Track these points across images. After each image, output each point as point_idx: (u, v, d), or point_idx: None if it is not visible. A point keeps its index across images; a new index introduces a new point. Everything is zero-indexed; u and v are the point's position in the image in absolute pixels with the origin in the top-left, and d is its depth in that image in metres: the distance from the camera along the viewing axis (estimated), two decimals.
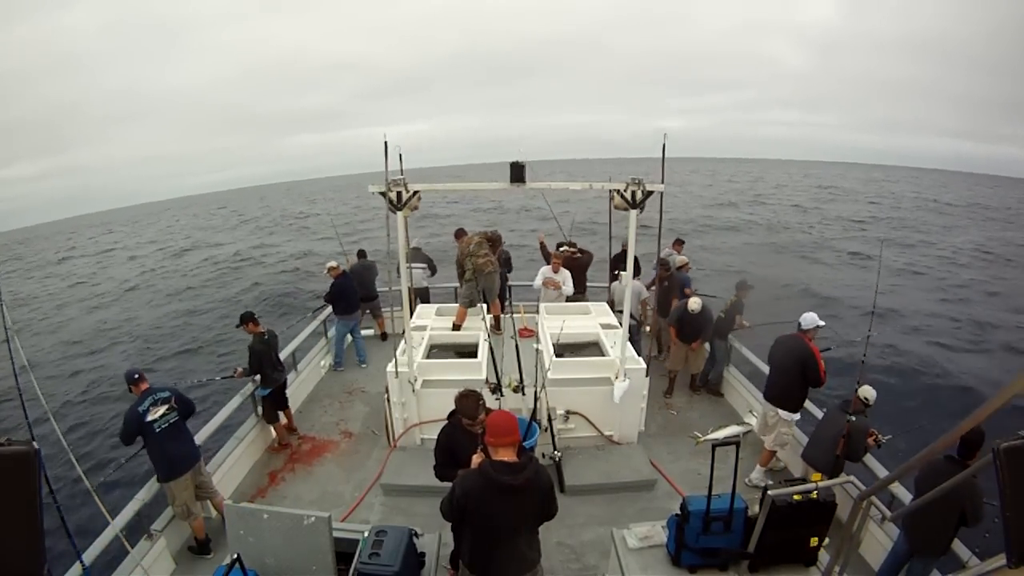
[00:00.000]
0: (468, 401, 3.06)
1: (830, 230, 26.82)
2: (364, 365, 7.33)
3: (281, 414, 5.65)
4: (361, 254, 8.03)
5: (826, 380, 4.70)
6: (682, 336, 6.28)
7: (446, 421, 3.25)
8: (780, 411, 4.81)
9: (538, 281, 7.34)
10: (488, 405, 3.18)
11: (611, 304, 6.95)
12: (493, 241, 6.54)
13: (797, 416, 4.87)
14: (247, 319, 5.41)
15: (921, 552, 3.49)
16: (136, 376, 4.06)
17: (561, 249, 7.43)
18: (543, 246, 7.58)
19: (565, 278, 7.25)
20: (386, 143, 4.50)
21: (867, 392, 4.25)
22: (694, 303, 6.06)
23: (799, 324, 4.83)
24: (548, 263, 7.23)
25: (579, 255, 7.48)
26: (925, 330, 12.75)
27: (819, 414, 4.93)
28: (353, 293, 7.29)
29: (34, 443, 1.31)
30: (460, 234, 7.06)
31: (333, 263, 7.27)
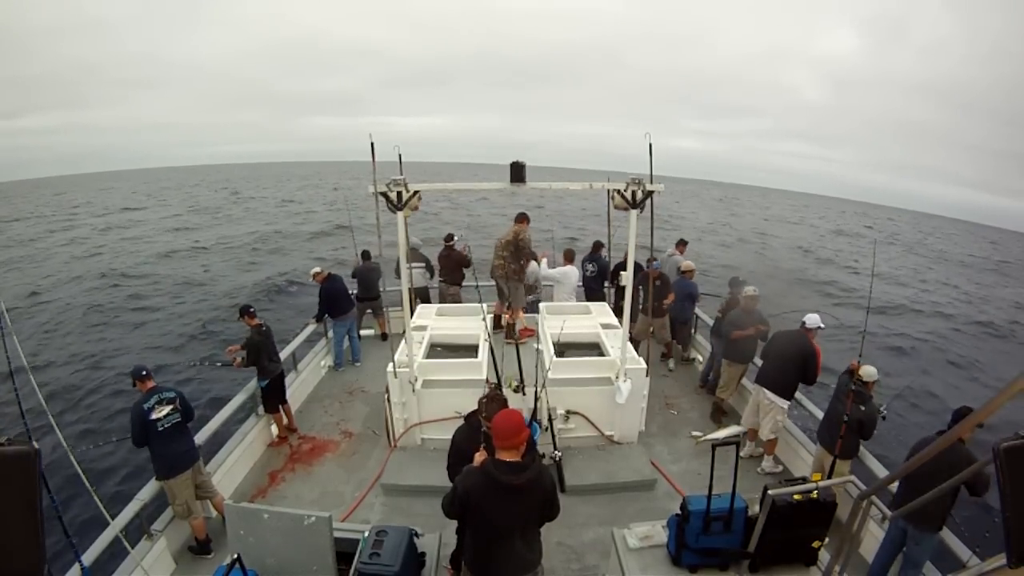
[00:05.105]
0: (493, 405, 3.00)
1: None
2: (357, 363, 7.33)
3: (281, 409, 5.66)
4: (365, 255, 8.01)
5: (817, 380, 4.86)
6: (733, 352, 5.71)
7: (446, 420, 3.25)
8: (775, 398, 4.85)
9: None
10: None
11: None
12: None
13: (789, 403, 4.96)
14: (244, 312, 5.44)
15: (917, 524, 3.45)
16: (144, 373, 4.07)
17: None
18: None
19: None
20: (372, 144, 4.29)
21: (867, 372, 4.17)
22: (749, 288, 5.60)
23: (804, 322, 4.92)
24: None
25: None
26: None
27: (814, 409, 5.02)
28: (343, 294, 7.23)
29: (34, 443, 1.31)
30: (523, 219, 6.56)
31: (317, 268, 7.23)
